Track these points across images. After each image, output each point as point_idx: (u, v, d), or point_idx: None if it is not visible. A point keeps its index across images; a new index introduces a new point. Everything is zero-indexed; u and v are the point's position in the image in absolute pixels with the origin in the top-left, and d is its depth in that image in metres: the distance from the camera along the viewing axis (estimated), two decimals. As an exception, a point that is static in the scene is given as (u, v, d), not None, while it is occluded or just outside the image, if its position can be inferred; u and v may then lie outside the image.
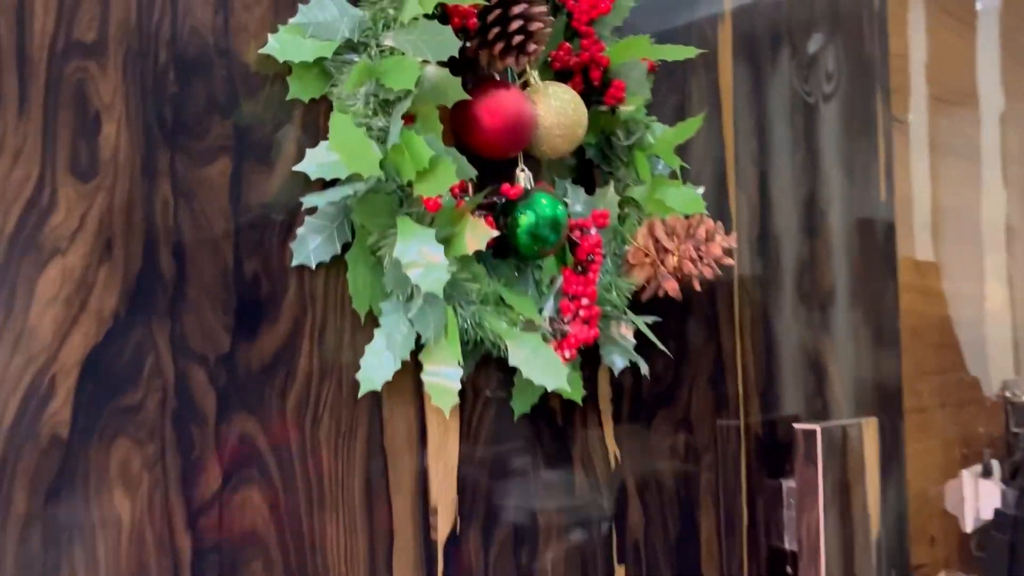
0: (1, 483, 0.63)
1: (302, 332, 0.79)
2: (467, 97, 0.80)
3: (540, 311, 0.93)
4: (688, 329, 1.14)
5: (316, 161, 0.78)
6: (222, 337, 0.74)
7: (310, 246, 0.79)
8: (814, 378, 1.33)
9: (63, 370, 0.66)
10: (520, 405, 0.94)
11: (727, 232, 1.14)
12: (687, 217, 1.02)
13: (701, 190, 1.08)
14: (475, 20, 0.84)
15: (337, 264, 0.81)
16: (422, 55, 0.78)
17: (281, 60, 0.76)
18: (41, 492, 0.65)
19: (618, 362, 1.01)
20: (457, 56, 0.78)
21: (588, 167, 1.04)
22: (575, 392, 0.95)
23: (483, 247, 0.81)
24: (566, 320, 0.93)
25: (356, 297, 0.80)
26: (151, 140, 0.71)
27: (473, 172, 0.81)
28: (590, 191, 1.02)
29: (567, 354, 0.91)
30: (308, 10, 0.78)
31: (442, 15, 0.84)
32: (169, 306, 0.71)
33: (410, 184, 0.79)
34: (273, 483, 0.76)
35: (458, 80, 0.79)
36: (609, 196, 1.01)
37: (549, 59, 0.97)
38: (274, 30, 0.78)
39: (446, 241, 0.82)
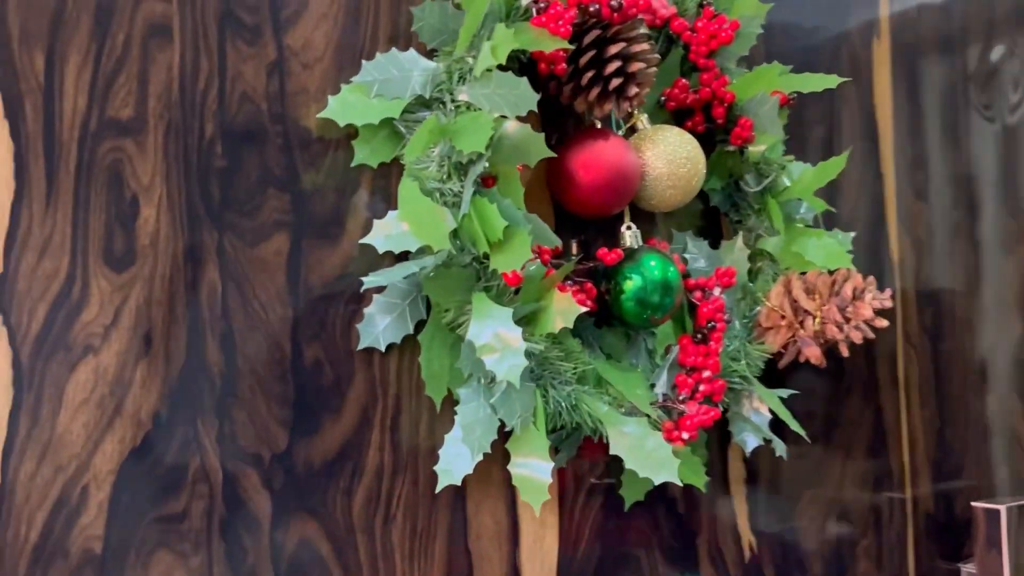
0: (26, 607, 0.58)
1: (371, 423, 0.71)
2: (551, 154, 0.70)
3: (652, 387, 0.81)
4: (839, 394, 0.99)
5: (384, 233, 0.70)
6: (278, 434, 0.67)
7: (379, 327, 0.71)
8: (1011, 445, 1.14)
9: (96, 480, 0.61)
10: (631, 493, 0.83)
11: (881, 287, 0.98)
12: (831, 272, 0.88)
13: (851, 236, 0.94)
14: (564, 65, 0.74)
15: (411, 345, 0.72)
16: (499, 110, 0.69)
17: (342, 124, 0.69)
18: (71, 615, 0.59)
19: (750, 441, 0.88)
20: (554, 104, 0.69)
21: (715, 216, 0.92)
22: (695, 478, 0.82)
23: (571, 324, 0.70)
24: (681, 398, 0.81)
25: (430, 382, 0.72)
26: (195, 221, 0.65)
27: (555, 240, 0.71)
28: (716, 244, 0.89)
29: (685, 436, 0.79)
30: (373, 66, 0.70)
31: (530, 61, 0.75)
32: (216, 403, 0.65)
33: (486, 256, 0.69)
34: (338, 593, 0.69)
35: (541, 136, 0.69)
36: (737, 250, 0.88)
37: (662, 99, 0.86)
38: (336, 90, 0.70)
39: (532, 317, 0.72)
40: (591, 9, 0.73)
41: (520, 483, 0.73)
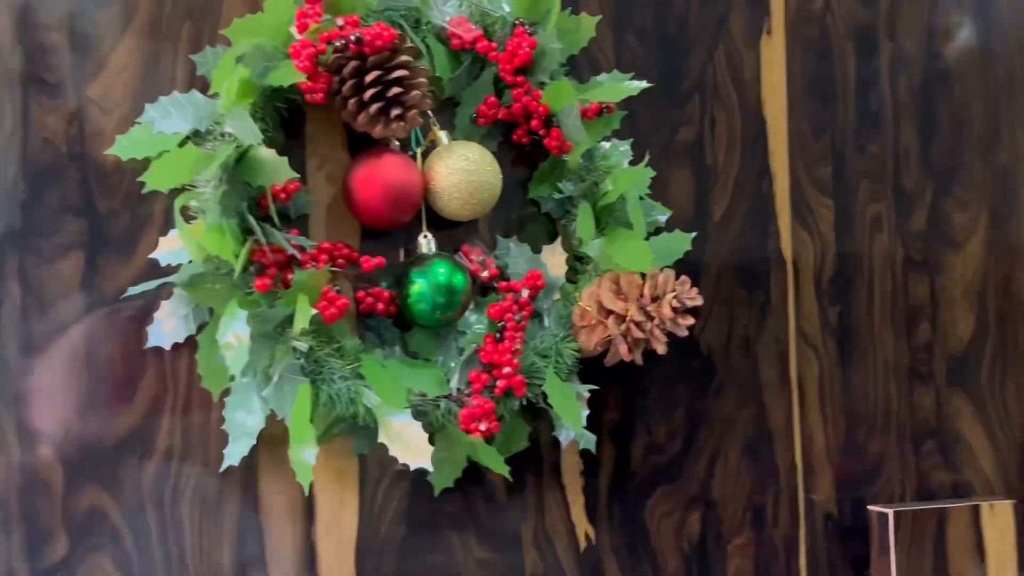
0: None
1: (161, 411, 0.84)
2: (293, 175, 0.79)
3: (448, 381, 0.88)
4: (706, 393, 1.00)
5: (167, 248, 0.83)
6: (72, 418, 0.81)
7: (165, 329, 0.83)
8: (937, 447, 1.08)
9: (-91, 449, 0.77)
10: (440, 479, 0.90)
11: (770, 285, 0.99)
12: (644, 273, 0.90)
13: (691, 236, 0.96)
14: (321, 95, 0.83)
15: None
16: (246, 140, 0.79)
17: (125, 158, 0.82)
18: None
19: (564, 435, 0.92)
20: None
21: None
22: (498, 466, 0.88)
23: (306, 324, 0.79)
24: (466, 392, 0.87)
25: (207, 377, 0.83)
26: (0, 245, 0.80)
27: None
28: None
29: (483, 427, 0.86)
30: (153, 108, 0.83)
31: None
32: (15, 394, 0.80)
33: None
34: (128, 554, 0.82)
35: (284, 160, 0.79)
36: (555, 253, 0.93)
37: (473, 115, 0.92)
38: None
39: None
40: (338, 43, 0.82)
41: (294, 465, 0.83)
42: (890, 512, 0.99)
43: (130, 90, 0.84)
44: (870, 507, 1.02)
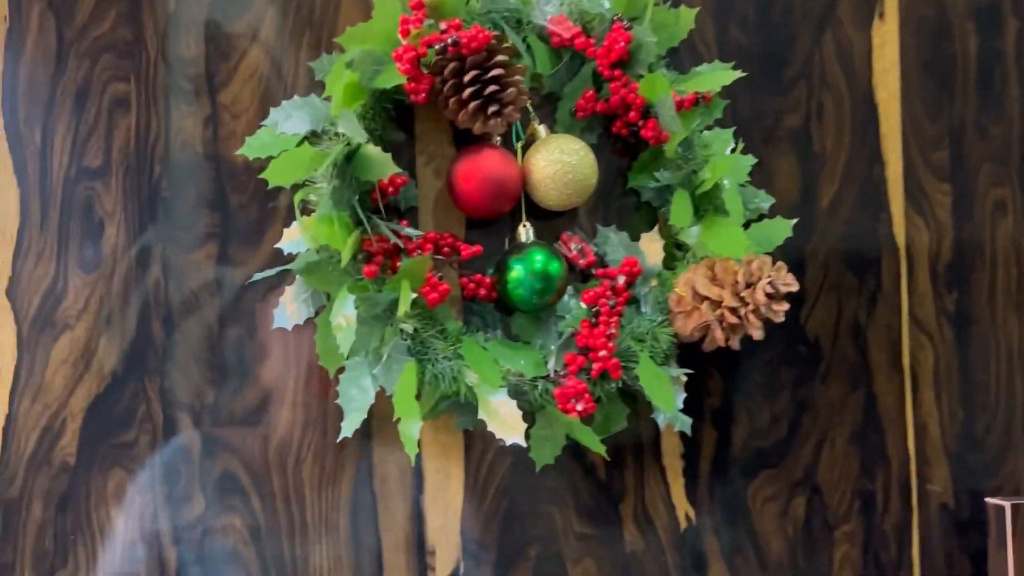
0: (23, 498, 0.88)
1: (284, 386, 0.92)
2: (397, 170, 0.86)
3: (545, 363, 0.93)
4: (812, 379, 1.00)
5: (289, 238, 0.91)
6: (207, 390, 0.91)
7: (288, 311, 0.92)
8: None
9: (71, 415, 0.89)
10: (541, 456, 0.95)
11: (882, 272, 0.99)
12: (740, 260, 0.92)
13: (792, 223, 0.96)
14: (424, 95, 0.89)
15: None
16: (355, 139, 0.87)
17: (252, 158, 0.91)
18: (53, 505, 0.88)
19: (659, 417, 0.95)
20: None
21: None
22: (594, 444, 0.92)
23: (407, 308, 0.86)
24: (562, 374, 0.92)
25: (324, 355, 0.91)
26: (145, 236, 0.91)
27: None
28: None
29: (580, 408, 0.90)
30: (277, 111, 0.92)
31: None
32: (159, 366, 0.90)
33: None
34: (255, 515, 0.91)
35: (387, 156, 0.86)
36: (654, 240, 0.96)
37: (573, 110, 0.97)
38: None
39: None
40: (438, 47, 0.88)
41: (402, 437, 0.90)
42: (1007, 505, 0.96)
43: (256, 95, 0.93)
44: (988, 499, 0.99)
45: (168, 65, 0.92)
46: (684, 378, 0.94)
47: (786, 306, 0.90)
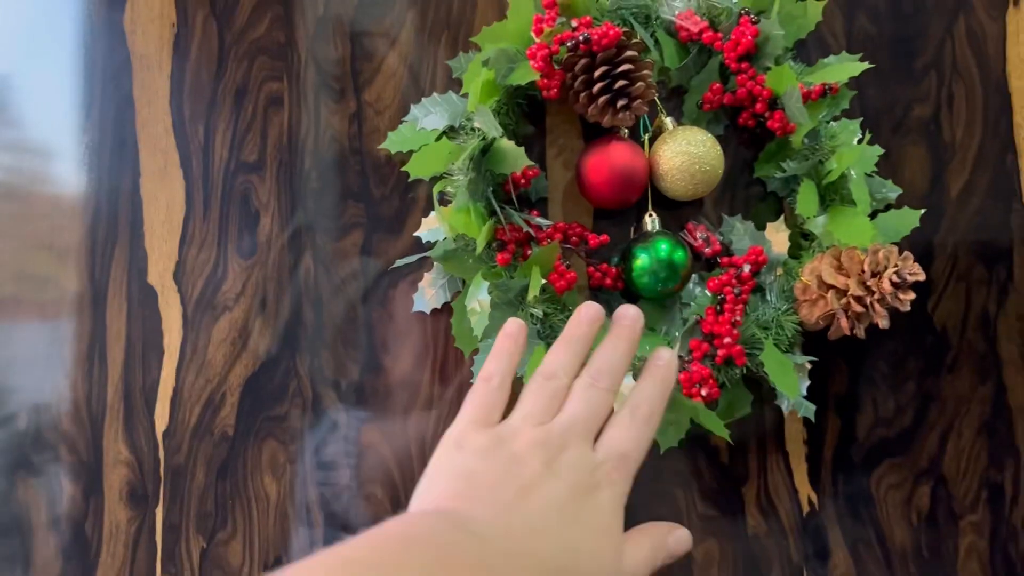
0: (188, 464, 0.97)
1: (423, 366, 0.98)
2: (529, 163, 0.91)
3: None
4: (939, 369, 1.01)
5: (428, 227, 0.97)
6: (352, 369, 0.98)
7: (426, 296, 0.98)
8: None
9: (230, 389, 0.97)
10: (666, 439, 0.98)
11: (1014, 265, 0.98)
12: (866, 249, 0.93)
13: (919, 214, 0.97)
14: (555, 91, 0.93)
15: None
16: (490, 133, 0.92)
17: (393, 152, 0.97)
18: (214, 471, 0.97)
19: (784, 403, 0.97)
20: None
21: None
22: (718, 429, 0.95)
23: (536, 293, 0.90)
24: (687, 360, 0.95)
25: (459, 338, 0.96)
26: (296, 225, 0.98)
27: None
28: (774, 226, 1.00)
29: (704, 392, 0.94)
30: (417, 107, 0.97)
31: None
32: (309, 345, 0.98)
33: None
34: (396, 487, 0.98)
35: (520, 150, 0.90)
36: (780, 230, 0.98)
37: (700, 103, 0.99)
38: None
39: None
40: (569, 44, 0.92)
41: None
42: None
43: (398, 93, 0.99)
44: (1122, 493, 0.98)
45: (317, 65, 0.99)
46: (808, 365, 0.96)
47: (912, 296, 0.91)
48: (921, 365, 1.00)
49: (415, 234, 0.97)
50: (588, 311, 0.63)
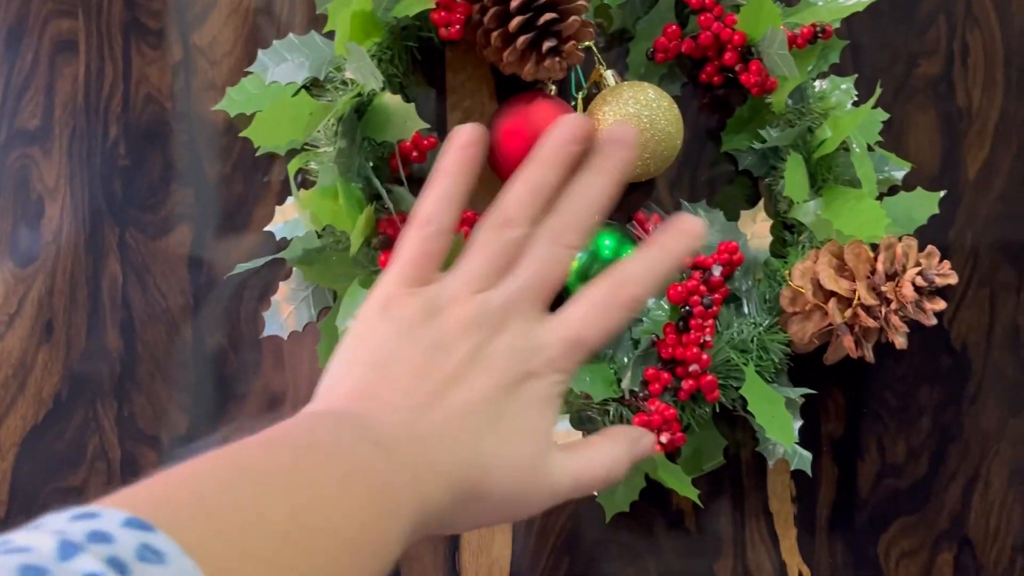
0: (-64, 558, 0.67)
1: (281, 406, 0.71)
2: (424, 125, 0.65)
3: (619, 381, 0.71)
4: (959, 402, 0.78)
5: (283, 219, 0.70)
6: (178, 418, 0.70)
7: (282, 314, 0.71)
8: None
9: (1, 450, 0.68)
10: (612, 502, 0.73)
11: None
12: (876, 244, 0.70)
13: (939, 196, 0.74)
14: (458, 27, 0.68)
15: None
16: (367, 85, 0.65)
17: (233, 114, 0.70)
18: None
19: (775, 449, 0.73)
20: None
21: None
22: (684, 488, 0.70)
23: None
24: (642, 396, 0.70)
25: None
26: (98, 218, 0.70)
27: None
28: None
29: (663, 440, 0.69)
30: (266, 54, 0.71)
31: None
32: (116, 387, 0.69)
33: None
34: None
35: (410, 107, 0.64)
36: (758, 220, 0.74)
37: (650, 51, 0.75)
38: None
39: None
40: (479, -37, 0.66)
41: (430, 481, 0.68)
42: None
43: (241, 35, 0.72)
44: None
45: (128, -3, 0.72)
46: (801, 399, 0.72)
47: (942, 305, 0.68)
48: (937, 395, 0.77)
49: (265, 229, 0.70)
50: (571, 121, 0.48)
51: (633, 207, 0.75)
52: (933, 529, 0.77)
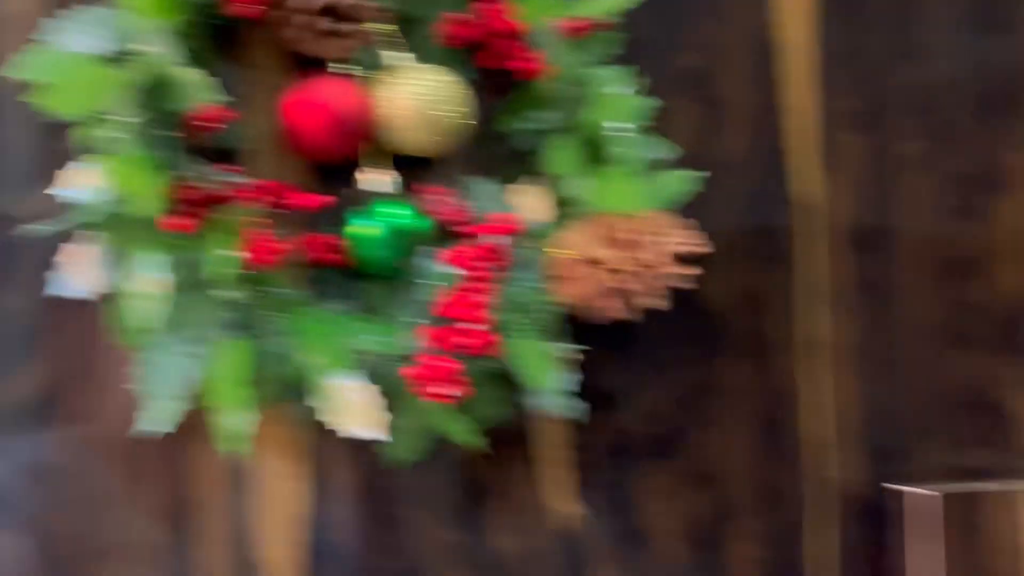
0: None
1: (73, 372, 0.73)
2: (217, 95, 0.68)
3: (406, 339, 0.77)
4: (711, 358, 0.87)
5: (74, 182, 0.72)
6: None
7: (68, 274, 0.72)
8: (985, 421, 0.94)
9: None
10: (402, 451, 0.78)
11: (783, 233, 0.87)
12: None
13: (700, 176, 0.83)
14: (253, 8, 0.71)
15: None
16: (161, 57, 0.68)
17: (26, 80, 0.71)
18: None
19: (537, 401, 0.80)
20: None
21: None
22: (469, 436, 0.77)
23: (232, 271, 0.68)
24: (426, 352, 0.76)
25: (120, 332, 0.72)
26: None
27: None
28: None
29: (444, 392, 0.74)
30: (64, 23, 0.71)
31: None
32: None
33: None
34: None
35: (202, 76, 0.68)
36: (533, 194, 0.81)
37: (435, 36, 0.80)
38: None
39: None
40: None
41: (221, 432, 0.72)
42: (908, 492, 0.86)
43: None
44: (885, 485, 0.89)
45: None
46: (577, 356, 0.80)
47: (695, 270, 0.77)
48: (688, 353, 0.87)
49: (54, 192, 0.71)
50: None
51: (420, 179, 0.80)
52: (685, 469, 0.86)
